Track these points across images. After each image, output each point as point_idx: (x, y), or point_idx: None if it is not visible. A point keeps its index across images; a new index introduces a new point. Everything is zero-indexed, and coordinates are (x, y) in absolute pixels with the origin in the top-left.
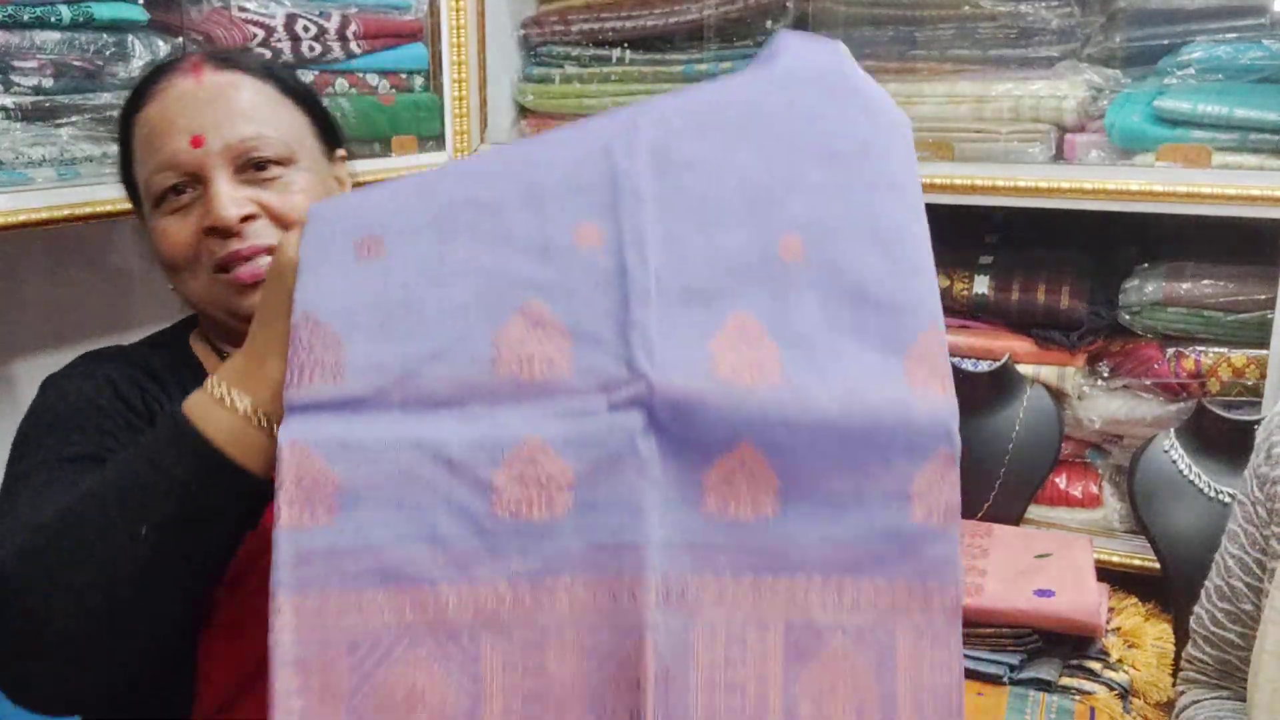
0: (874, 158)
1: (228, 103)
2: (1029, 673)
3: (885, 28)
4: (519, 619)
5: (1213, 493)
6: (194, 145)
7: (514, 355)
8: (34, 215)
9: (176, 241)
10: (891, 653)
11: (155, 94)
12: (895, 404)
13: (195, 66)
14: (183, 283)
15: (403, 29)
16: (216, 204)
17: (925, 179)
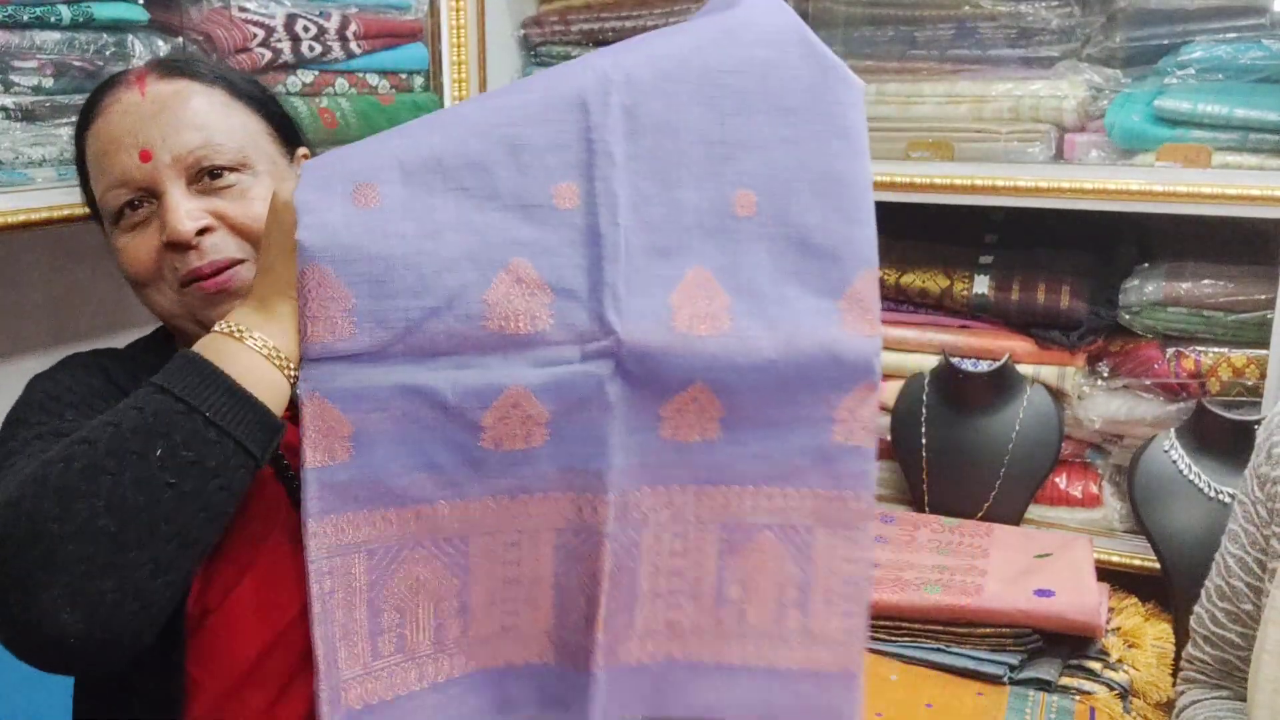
0: (823, 108)
1: (174, 113)
2: (1029, 673)
3: (885, 28)
4: (500, 523)
5: (1213, 493)
6: (143, 160)
7: (501, 312)
8: (34, 215)
9: (137, 259)
10: (810, 547)
11: (101, 110)
12: (828, 345)
13: (139, 78)
14: (150, 298)
15: (403, 29)
16: (171, 218)
17: (925, 179)
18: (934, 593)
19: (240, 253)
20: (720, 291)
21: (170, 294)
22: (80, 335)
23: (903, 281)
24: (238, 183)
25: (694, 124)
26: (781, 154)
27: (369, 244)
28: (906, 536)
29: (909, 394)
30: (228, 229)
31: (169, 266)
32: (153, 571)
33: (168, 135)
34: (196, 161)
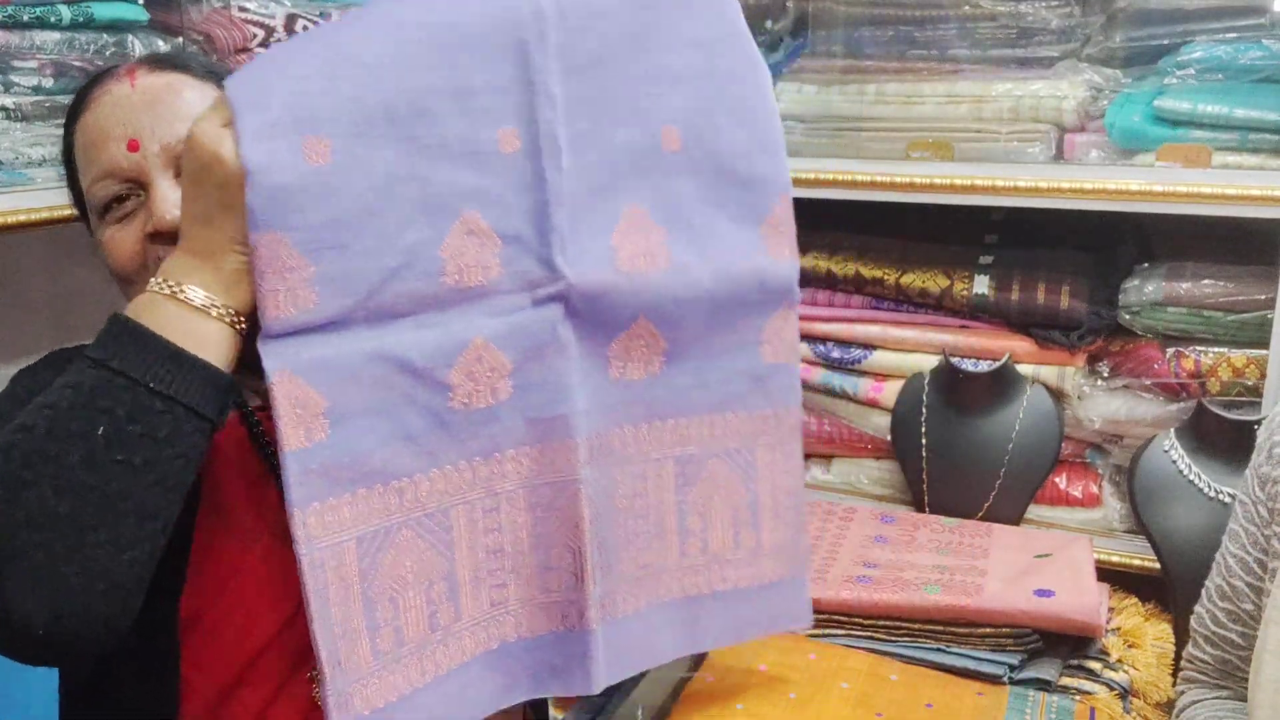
0: (733, 39)
1: (164, 104)
2: (1029, 673)
3: (885, 28)
4: (477, 488)
5: (1213, 493)
6: (130, 149)
7: (456, 265)
8: (34, 215)
9: (123, 250)
10: (753, 467)
11: (91, 102)
12: (754, 270)
13: (129, 71)
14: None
15: None
16: (158, 207)
17: (925, 179)
18: (934, 593)
19: None
20: (655, 227)
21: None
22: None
23: (903, 281)
24: None
25: (622, 61)
26: (701, 87)
27: (325, 206)
28: (906, 536)
29: (909, 394)
30: None
31: (153, 257)
32: (115, 550)
33: (157, 125)
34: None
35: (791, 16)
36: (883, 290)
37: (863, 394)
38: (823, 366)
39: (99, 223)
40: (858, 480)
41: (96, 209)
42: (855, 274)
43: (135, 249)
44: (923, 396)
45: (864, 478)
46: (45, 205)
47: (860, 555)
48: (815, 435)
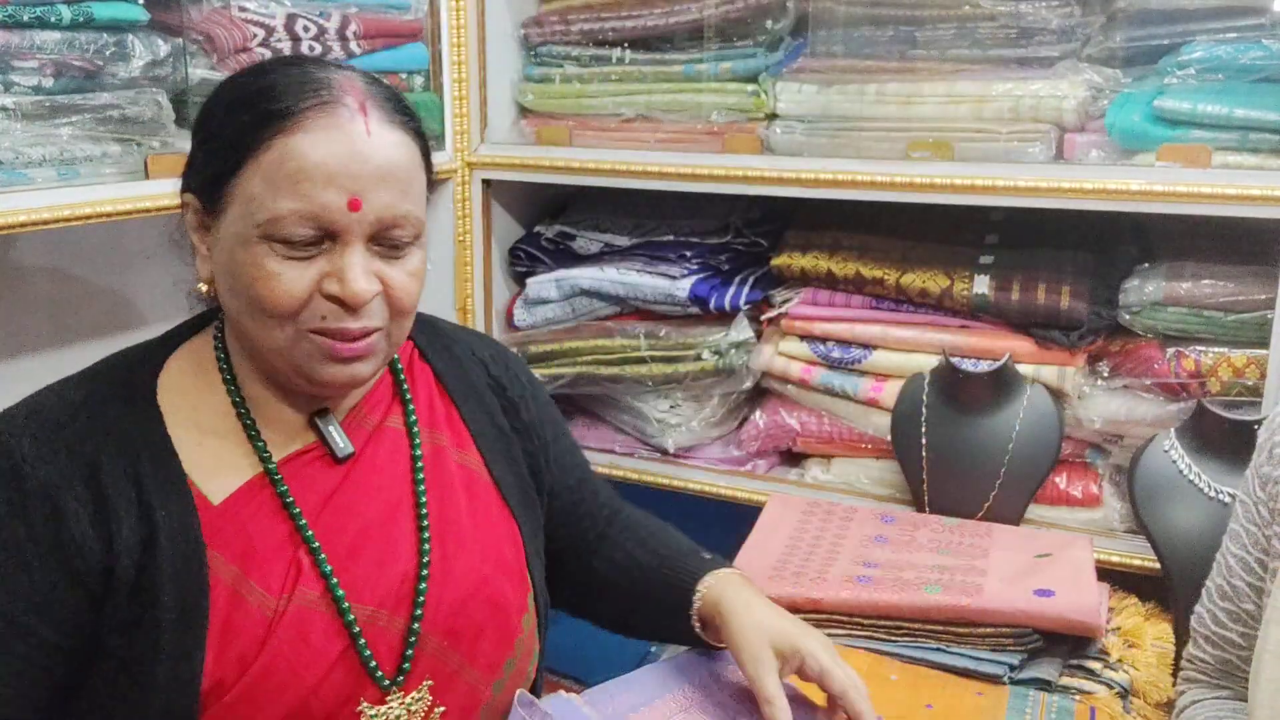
0: None
1: (393, 168)
2: (1029, 673)
3: (885, 28)
4: None
5: (1213, 493)
6: (351, 209)
7: None
8: (34, 215)
9: (290, 292)
10: None
11: (313, 125)
12: None
13: (362, 107)
14: (264, 329)
15: (403, 29)
16: (351, 277)
17: (925, 179)
18: (934, 593)
19: (383, 321)
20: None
21: (292, 333)
22: (80, 335)
23: (903, 281)
24: (408, 252)
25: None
26: None
27: None
28: (906, 536)
29: (909, 394)
30: (383, 295)
31: (314, 312)
32: None
33: (382, 195)
34: (390, 227)
35: (791, 16)
36: (883, 290)
37: (863, 394)
38: (823, 366)
39: (258, 241)
40: (858, 480)
41: (268, 232)
42: (855, 274)
43: (303, 294)
44: (923, 396)
45: (864, 478)
46: (45, 205)
47: (860, 555)
48: (815, 435)
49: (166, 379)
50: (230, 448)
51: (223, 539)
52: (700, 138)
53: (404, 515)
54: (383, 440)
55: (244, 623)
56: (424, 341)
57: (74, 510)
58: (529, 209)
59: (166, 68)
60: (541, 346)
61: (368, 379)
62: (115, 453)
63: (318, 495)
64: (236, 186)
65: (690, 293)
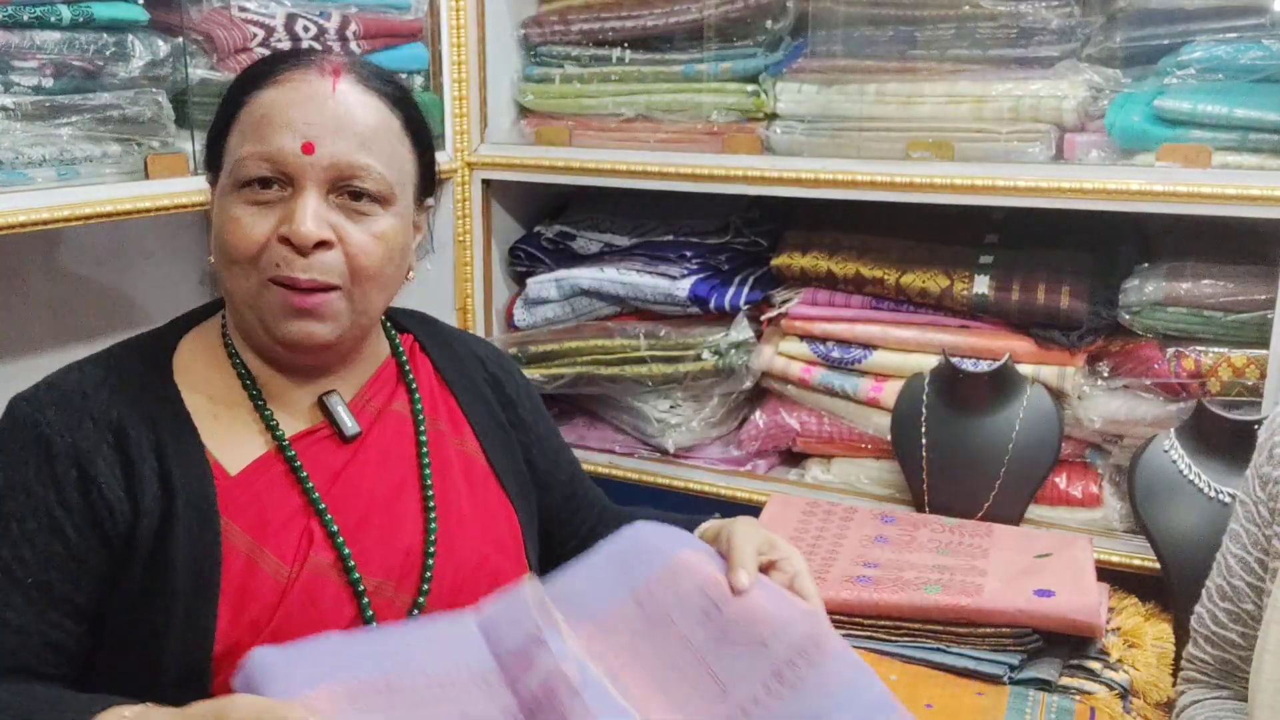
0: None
1: (353, 120)
2: (1029, 673)
3: (885, 28)
4: None
5: (1213, 493)
6: (304, 151)
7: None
8: (34, 215)
9: (248, 236)
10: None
11: (283, 80)
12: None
13: (335, 69)
14: (233, 277)
15: (403, 29)
16: (299, 217)
17: (925, 179)
18: (934, 593)
19: (339, 279)
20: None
21: (255, 282)
22: (80, 335)
23: (903, 281)
24: (371, 213)
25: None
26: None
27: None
28: (906, 536)
29: (909, 394)
30: (341, 251)
31: (270, 258)
32: None
33: (337, 140)
34: (349, 176)
35: (791, 16)
36: (883, 290)
37: (863, 394)
38: (823, 366)
39: (231, 191)
40: (858, 480)
41: (236, 179)
42: (855, 274)
43: (259, 239)
44: (923, 396)
45: (864, 478)
46: (45, 205)
47: (860, 555)
48: (815, 435)
49: (180, 358)
50: (243, 423)
51: (238, 508)
52: (700, 138)
53: (409, 494)
54: (387, 423)
55: (258, 588)
56: (423, 336)
57: (104, 473)
58: (529, 209)
59: (166, 68)
60: (541, 346)
61: (328, 341)
62: (138, 422)
63: (327, 472)
64: (225, 146)
65: (690, 293)
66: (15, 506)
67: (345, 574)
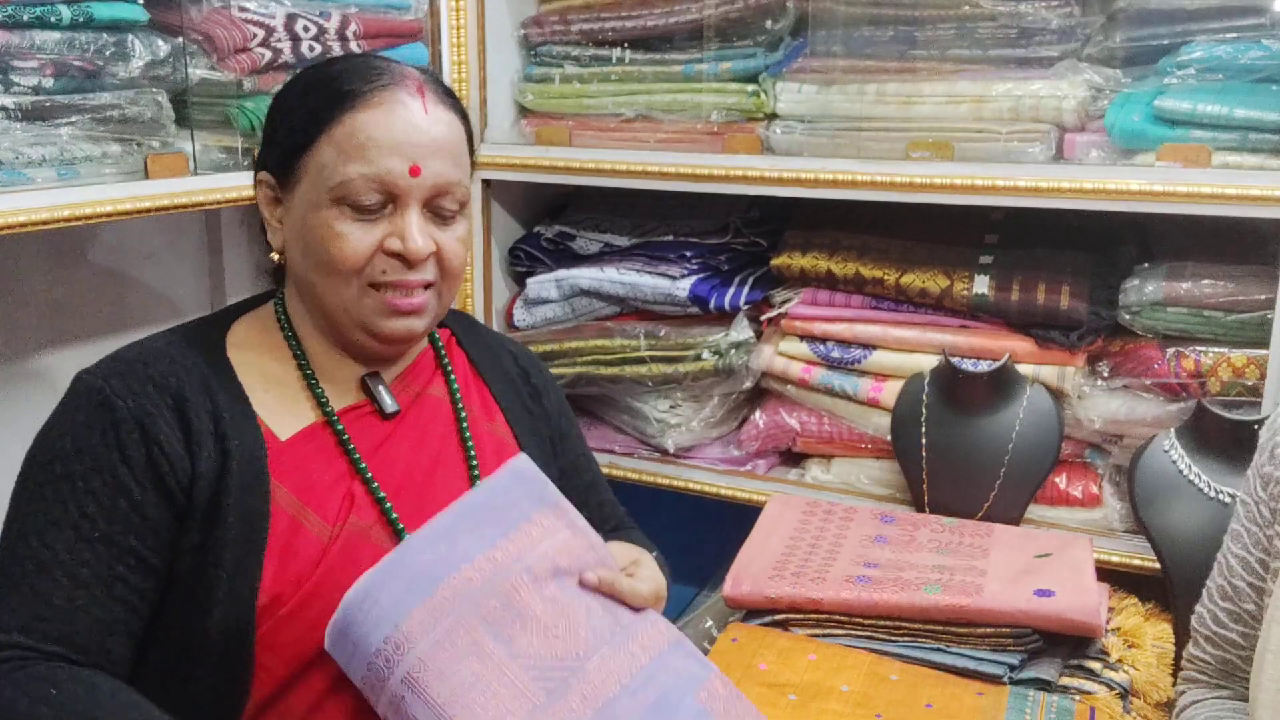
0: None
1: (446, 141)
2: (1029, 673)
3: (885, 28)
4: None
5: (1213, 493)
6: (412, 174)
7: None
8: (34, 215)
9: (356, 251)
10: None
11: (378, 101)
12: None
13: (420, 89)
14: (332, 286)
15: (403, 29)
16: (411, 233)
17: (925, 179)
18: (934, 593)
19: (435, 278)
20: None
21: (355, 289)
22: (80, 335)
23: (903, 281)
24: (456, 220)
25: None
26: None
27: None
28: (906, 536)
29: (909, 394)
30: (435, 256)
31: (376, 267)
32: None
33: (437, 162)
34: (443, 194)
35: (791, 16)
36: (883, 290)
37: (863, 394)
38: (823, 366)
39: (328, 203)
40: (858, 480)
41: (339, 197)
42: (855, 274)
43: (367, 252)
44: (923, 396)
45: (864, 478)
46: (45, 205)
47: (860, 555)
48: (815, 435)
49: (233, 338)
50: (293, 396)
51: (286, 471)
52: (700, 138)
53: (448, 465)
54: (424, 405)
55: (302, 546)
56: (459, 330)
57: (165, 433)
58: (529, 209)
59: (166, 68)
60: (541, 346)
61: (421, 334)
62: (196, 389)
63: (370, 443)
64: (310, 159)
65: (690, 293)
66: (82, 468)
67: (393, 533)
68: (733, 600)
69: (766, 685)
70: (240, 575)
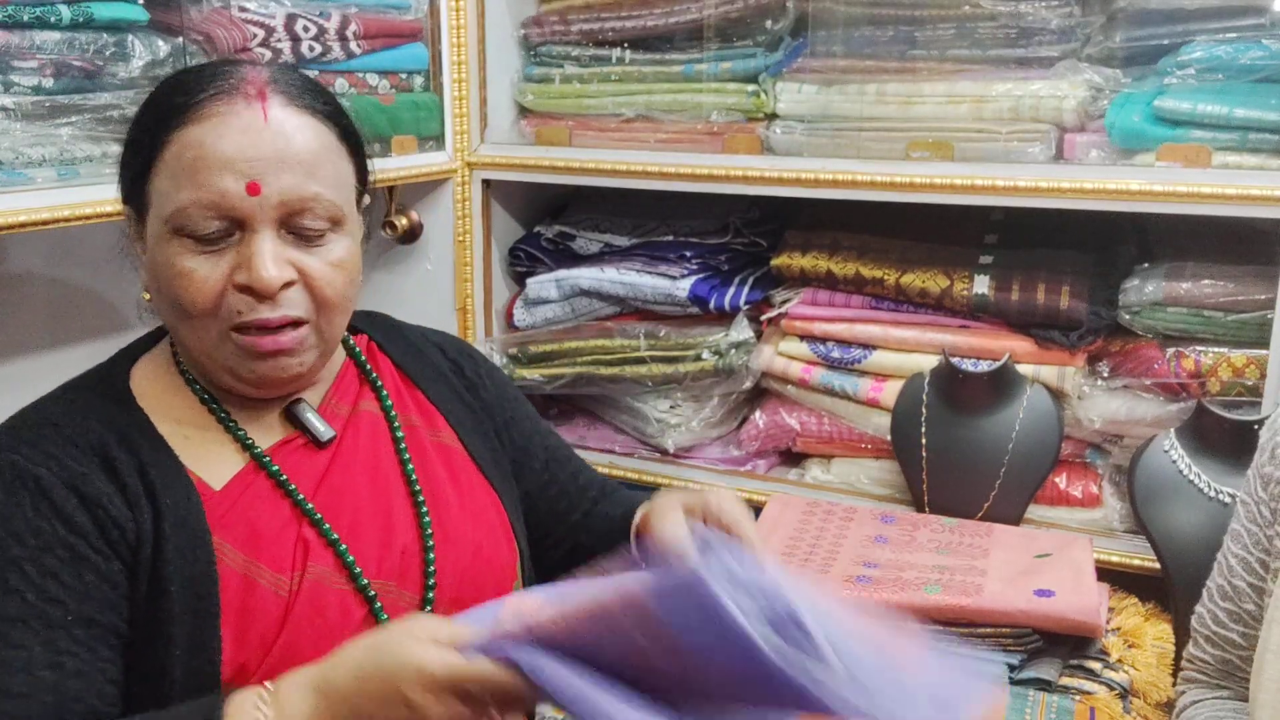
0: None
1: (292, 151)
2: (1029, 673)
3: (885, 28)
4: None
5: (1213, 493)
6: (249, 192)
7: None
8: (34, 215)
9: (203, 290)
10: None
11: (208, 115)
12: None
13: (260, 94)
14: (190, 330)
15: (403, 29)
16: (259, 264)
17: (925, 179)
18: (934, 593)
19: (306, 313)
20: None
21: (215, 333)
22: (80, 335)
23: (903, 281)
24: (326, 238)
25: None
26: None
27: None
28: (906, 536)
29: (909, 394)
30: (303, 284)
31: (231, 306)
32: None
33: (281, 174)
34: (299, 211)
35: (791, 16)
36: (883, 290)
37: (863, 394)
38: (823, 366)
39: (170, 237)
40: (858, 480)
41: (175, 228)
42: (855, 274)
43: (216, 289)
44: (923, 396)
45: (864, 478)
46: (45, 205)
47: (860, 555)
48: (815, 435)
49: (136, 386)
50: (215, 441)
51: (227, 526)
52: (700, 138)
53: (396, 492)
54: (360, 424)
55: (260, 605)
56: (377, 334)
57: (103, 491)
58: (529, 209)
59: (166, 68)
60: (541, 346)
61: (300, 374)
62: (117, 444)
63: (310, 479)
64: (151, 186)
65: (690, 293)
66: (25, 552)
67: (348, 574)
68: None
69: None
70: (197, 650)
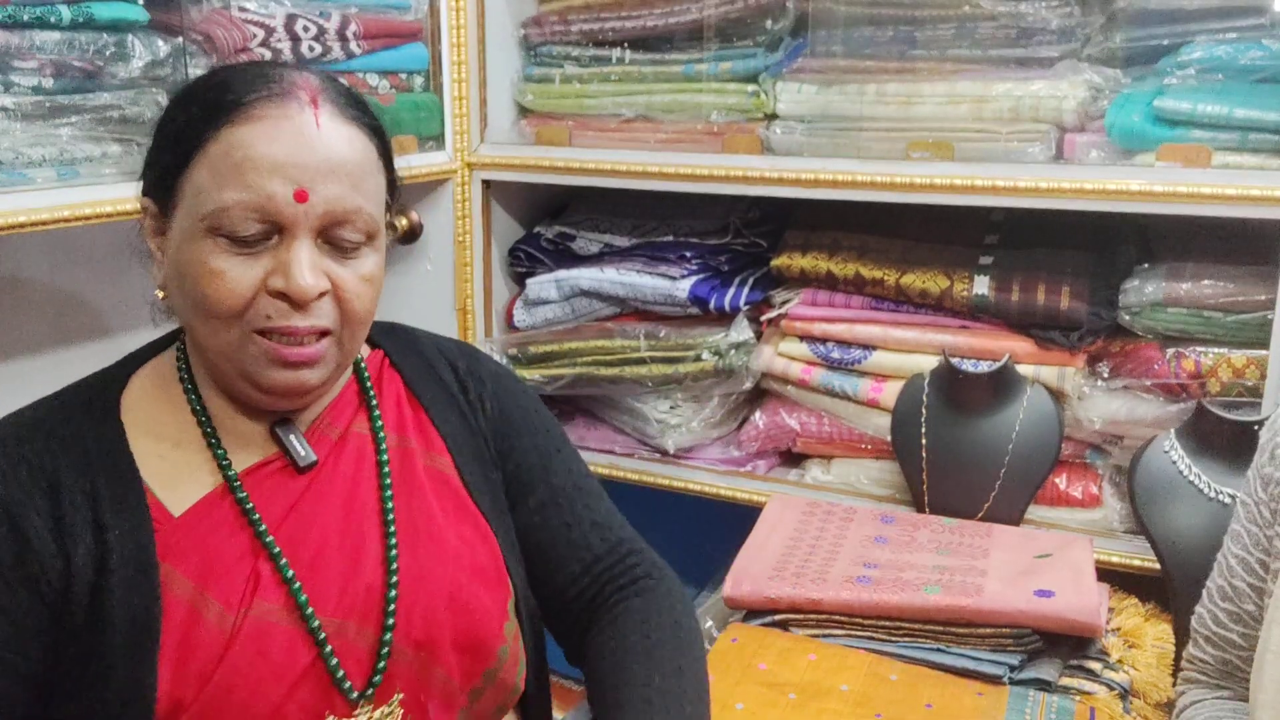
0: None
1: (344, 161)
2: (1029, 673)
3: (885, 28)
4: None
5: (1213, 493)
6: (297, 199)
7: None
8: (34, 215)
9: (235, 290)
10: None
11: (259, 117)
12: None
13: (313, 100)
14: (212, 331)
15: (403, 29)
16: (298, 271)
17: (925, 179)
18: (934, 593)
19: (333, 324)
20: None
21: (238, 334)
22: (80, 336)
23: (903, 281)
24: (360, 251)
25: None
26: None
27: None
28: (906, 536)
29: (909, 394)
30: (333, 296)
31: (260, 310)
32: None
33: (329, 183)
34: (341, 221)
35: (791, 16)
36: (883, 290)
37: (863, 394)
38: (823, 367)
39: (204, 235)
40: (858, 480)
41: (213, 226)
42: (855, 274)
43: (248, 292)
44: (923, 397)
45: (864, 478)
46: (45, 205)
47: (860, 555)
48: (815, 435)
49: (129, 396)
50: (192, 459)
51: (180, 553)
52: (700, 138)
53: (370, 524)
54: (347, 448)
55: (202, 638)
56: (391, 347)
57: (36, 527)
58: (529, 209)
59: (166, 68)
60: (541, 347)
61: (315, 387)
62: (74, 469)
63: (280, 507)
64: (186, 181)
65: (690, 293)
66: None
67: (298, 615)
68: (733, 601)
69: (766, 685)
70: (132, 680)
